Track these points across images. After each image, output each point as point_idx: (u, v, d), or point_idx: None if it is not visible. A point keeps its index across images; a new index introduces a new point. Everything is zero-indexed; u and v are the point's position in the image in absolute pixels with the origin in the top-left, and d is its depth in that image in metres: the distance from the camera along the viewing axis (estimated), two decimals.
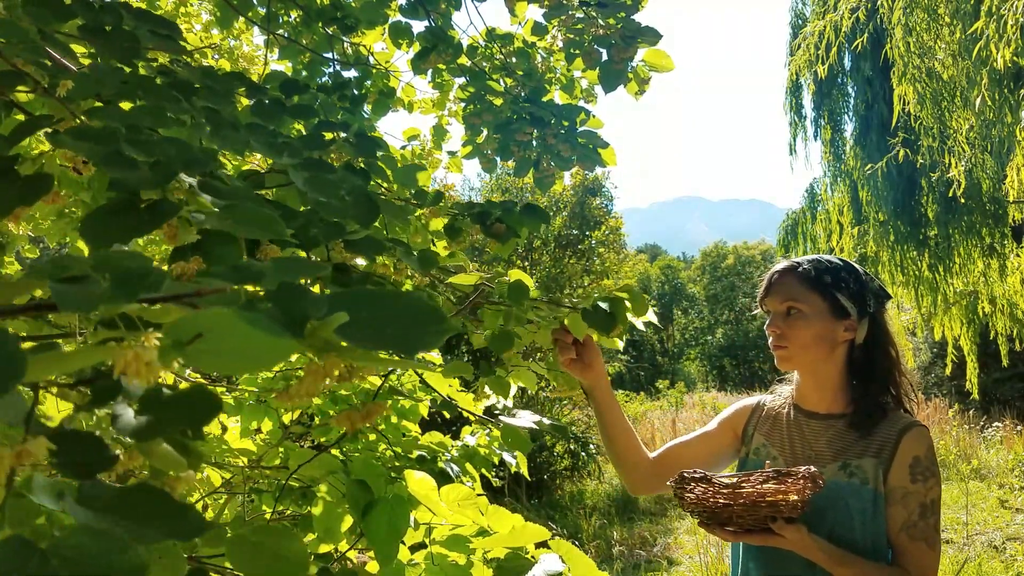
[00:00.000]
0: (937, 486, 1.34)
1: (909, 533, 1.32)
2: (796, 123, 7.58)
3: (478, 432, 1.81)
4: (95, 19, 0.76)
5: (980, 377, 7.74)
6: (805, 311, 1.41)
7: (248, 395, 1.77)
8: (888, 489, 1.35)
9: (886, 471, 1.35)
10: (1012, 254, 6.70)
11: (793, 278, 1.44)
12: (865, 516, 1.34)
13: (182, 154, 0.64)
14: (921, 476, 1.33)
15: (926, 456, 1.34)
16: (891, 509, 1.34)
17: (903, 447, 1.35)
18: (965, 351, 7.50)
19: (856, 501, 1.35)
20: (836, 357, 1.44)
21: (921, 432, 1.36)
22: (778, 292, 1.45)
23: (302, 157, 0.77)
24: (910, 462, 1.34)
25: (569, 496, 7.71)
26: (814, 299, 1.41)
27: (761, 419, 1.57)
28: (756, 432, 1.56)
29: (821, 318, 1.41)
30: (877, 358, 1.43)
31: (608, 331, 1.25)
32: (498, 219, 1.17)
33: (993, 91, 4.51)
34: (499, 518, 1.21)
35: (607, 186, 13.55)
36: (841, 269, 1.43)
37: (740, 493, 1.28)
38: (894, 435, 1.36)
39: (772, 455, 1.50)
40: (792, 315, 1.43)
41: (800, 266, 1.45)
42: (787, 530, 1.27)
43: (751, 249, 33.47)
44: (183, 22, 3.42)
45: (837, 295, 1.41)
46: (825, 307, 1.41)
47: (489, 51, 2.39)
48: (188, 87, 0.81)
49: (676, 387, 19.33)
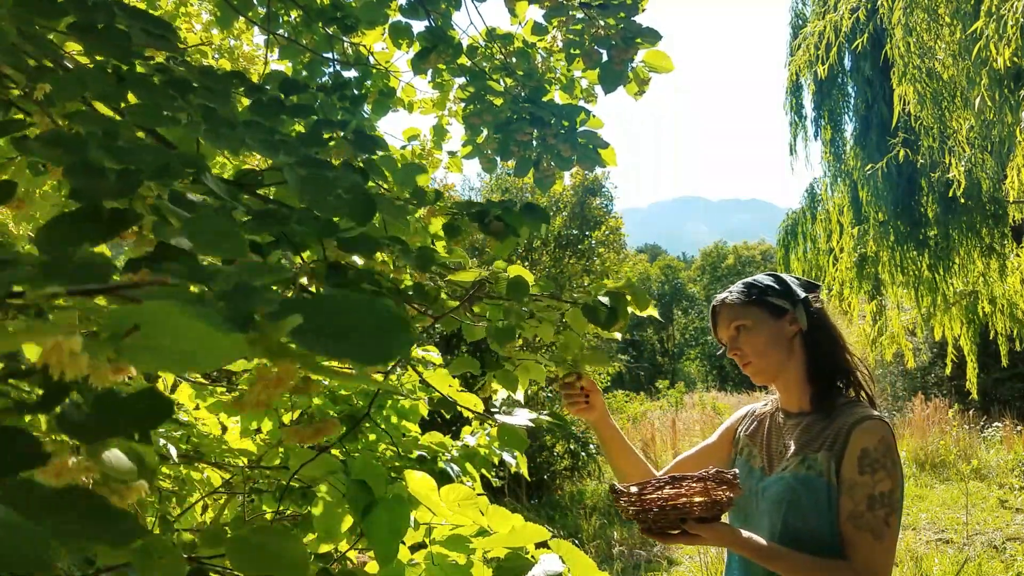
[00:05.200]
0: (888, 479, 1.37)
1: (855, 523, 1.36)
2: (796, 123, 7.58)
3: (478, 432, 1.81)
4: (87, 17, 0.76)
5: (980, 377, 7.75)
6: (748, 324, 1.55)
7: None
8: (839, 480, 1.40)
9: (838, 463, 1.41)
10: (1012, 254, 6.71)
11: (729, 305, 1.59)
12: (820, 507, 1.40)
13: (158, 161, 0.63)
14: (870, 468, 1.37)
15: (876, 448, 1.38)
16: (840, 500, 1.39)
17: (853, 439, 1.40)
18: (965, 351, 7.50)
19: (810, 493, 1.41)
20: (795, 354, 1.55)
21: (874, 425, 1.41)
22: (723, 321, 1.60)
23: (299, 155, 0.76)
24: (859, 454, 1.39)
25: (569, 496, 7.71)
26: (752, 311, 1.56)
27: (749, 423, 1.69)
28: (743, 435, 1.68)
29: (765, 324, 1.54)
30: (821, 340, 1.55)
31: (609, 327, 1.25)
32: (497, 218, 1.17)
33: (993, 91, 4.51)
34: (499, 518, 1.21)
35: (607, 186, 13.55)
36: (764, 280, 1.60)
37: (644, 499, 1.37)
38: (847, 428, 1.42)
39: (753, 454, 1.61)
40: (742, 333, 1.56)
41: (731, 294, 1.61)
42: (700, 529, 1.35)
43: (751, 249, 33.48)
44: (183, 22, 3.42)
45: (768, 299, 1.55)
46: (764, 314, 1.55)
47: (489, 51, 2.39)
48: (185, 85, 0.80)
49: (676, 387, 19.34)
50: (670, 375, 25.33)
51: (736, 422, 1.73)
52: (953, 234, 6.61)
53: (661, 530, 1.39)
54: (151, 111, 0.71)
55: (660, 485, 1.37)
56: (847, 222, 7.29)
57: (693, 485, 1.35)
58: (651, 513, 1.36)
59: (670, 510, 1.35)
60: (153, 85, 0.77)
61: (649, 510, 1.36)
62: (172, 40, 0.83)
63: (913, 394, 10.94)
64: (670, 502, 1.35)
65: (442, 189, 1.90)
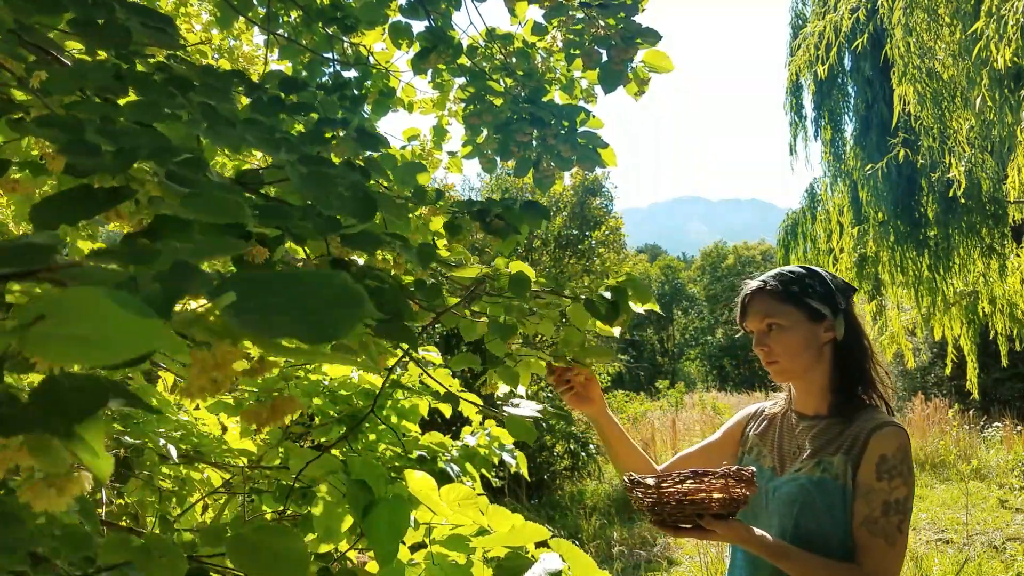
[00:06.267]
0: (904, 486, 1.36)
1: (869, 529, 1.36)
2: (796, 123, 7.58)
3: (478, 432, 1.80)
4: (87, 13, 0.76)
5: (980, 377, 7.74)
6: (784, 324, 1.48)
7: (248, 395, 1.76)
8: (855, 485, 1.39)
9: (855, 468, 1.40)
10: (1012, 254, 6.70)
11: (764, 296, 1.51)
12: (834, 511, 1.39)
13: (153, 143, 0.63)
14: (887, 474, 1.37)
15: (894, 455, 1.37)
16: (855, 504, 1.39)
17: (872, 445, 1.39)
18: (965, 351, 7.50)
19: (824, 496, 1.40)
20: (823, 360, 1.50)
21: (893, 431, 1.40)
22: (755, 313, 1.52)
23: (300, 152, 0.76)
24: (877, 460, 1.38)
25: (569, 496, 7.71)
26: (789, 311, 1.48)
27: (758, 422, 1.66)
28: (752, 434, 1.65)
29: (801, 326, 1.48)
30: (854, 350, 1.50)
31: (611, 321, 1.25)
32: (497, 216, 1.17)
33: (993, 91, 4.51)
34: (499, 518, 1.21)
35: (607, 186, 13.56)
36: (805, 276, 1.50)
37: (663, 493, 1.36)
38: (865, 433, 1.41)
39: (763, 453, 1.59)
40: (774, 330, 1.49)
41: (767, 284, 1.51)
42: (716, 525, 1.35)
43: (751, 249, 33.50)
44: (183, 22, 3.42)
45: (808, 301, 1.48)
46: (801, 316, 1.48)
47: (489, 51, 2.39)
48: (185, 83, 0.80)
49: (676, 387, 19.34)
50: (670, 375, 25.34)
51: (744, 420, 1.71)
52: (953, 234, 6.61)
53: (675, 523, 1.39)
54: (150, 108, 0.71)
55: (680, 479, 1.36)
56: (847, 222, 7.28)
57: (714, 482, 1.35)
58: (668, 506, 1.36)
59: (687, 504, 1.35)
60: (153, 82, 0.77)
61: (667, 503, 1.36)
62: (172, 34, 0.83)
63: (913, 394, 10.95)
64: (689, 496, 1.35)
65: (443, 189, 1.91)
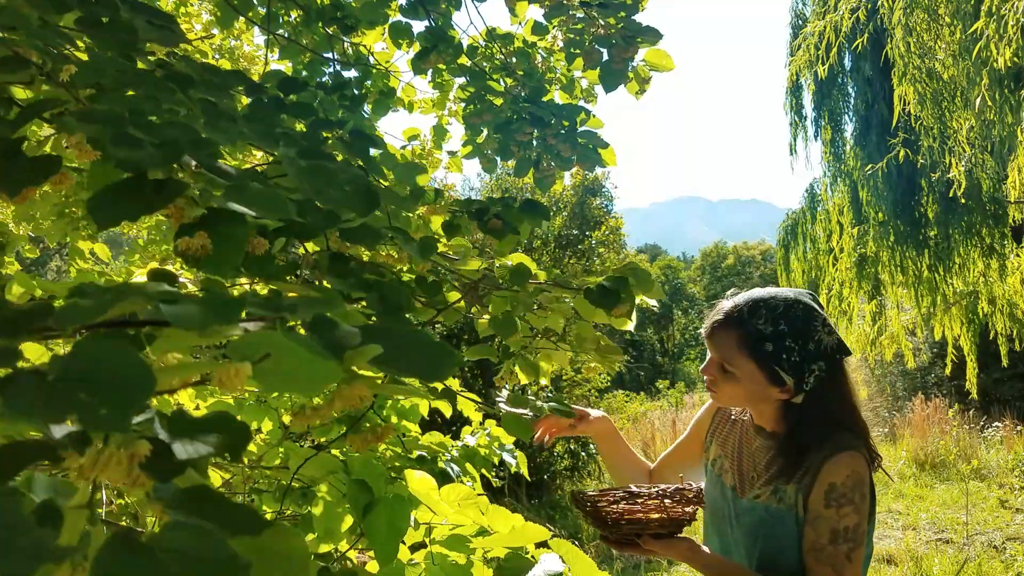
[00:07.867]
0: (855, 514, 1.31)
1: (815, 556, 1.33)
2: (796, 123, 7.58)
3: (478, 432, 1.80)
4: (92, 11, 0.76)
5: (980, 377, 7.74)
6: (738, 375, 1.39)
7: (248, 395, 1.76)
8: (806, 511, 1.36)
9: (806, 497, 1.36)
10: (1012, 254, 6.70)
11: (733, 338, 1.38)
12: (792, 540, 1.37)
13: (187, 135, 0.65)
14: (835, 502, 1.33)
15: (843, 483, 1.32)
16: (804, 529, 1.36)
17: (823, 473, 1.34)
18: (965, 351, 7.49)
19: (781, 525, 1.38)
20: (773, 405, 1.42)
21: (846, 459, 1.34)
22: (716, 344, 1.42)
23: (299, 147, 0.77)
24: (826, 488, 1.33)
25: (569, 496, 7.70)
26: (750, 367, 1.37)
27: (719, 426, 1.61)
28: (714, 441, 1.60)
29: (754, 382, 1.38)
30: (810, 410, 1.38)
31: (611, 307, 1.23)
32: (496, 215, 1.17)
33: (993, 91, 4.51)
34: (499, 518, 1.21)
35: (607, 186, 13.55)
36: (787, 336, 1.34)
37: (599, 510, 1.36)
38: (818, 461, 1.36)
39: (725, 468, 1.53)
40: (727, 371, 1.40)
41: (743, 320, 1.38)
42: (654, 545, 1.35)
43: (751, 249, 33.47)
44: (183, 22, 3.42)
45: (774, 367, 1.35)
46: (760, 376, 1.37)
47: (489, 51, 2.38)
48: (185, 79, 0.80)
49: (676, 387, 19.32)
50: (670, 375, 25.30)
51: (704, 420, 1.65)
52: (953, 234, 6.61)
53: (618, 541, 1.39)
54: (151, 103, 0.72)
55: (615, 499, 1.36)
56: (847, 222, 7.28)
57: (649, 502, 1.35)
58: (607, 525, 1.36)
59: (625, 524, 1.35)
60: (153, 79, 0.77)
61: (606, 521, 1.36)
62: (176, 31, 0.83)
63: (913, 394, 10.93)
64: (626, 515, 1.35)
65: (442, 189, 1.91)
